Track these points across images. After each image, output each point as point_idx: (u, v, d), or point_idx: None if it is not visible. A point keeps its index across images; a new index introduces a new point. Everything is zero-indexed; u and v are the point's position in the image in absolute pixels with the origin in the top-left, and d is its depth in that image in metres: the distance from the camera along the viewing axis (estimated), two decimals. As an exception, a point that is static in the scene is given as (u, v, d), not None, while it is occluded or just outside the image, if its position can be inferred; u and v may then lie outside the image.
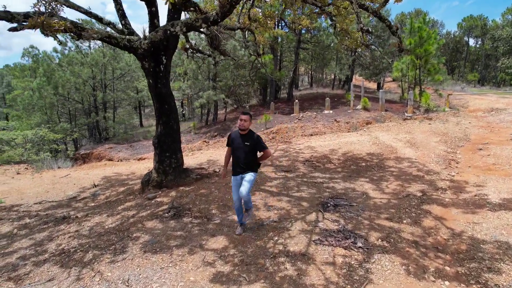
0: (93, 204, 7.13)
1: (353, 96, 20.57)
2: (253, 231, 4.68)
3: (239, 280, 3.51)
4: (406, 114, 17.86)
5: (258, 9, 8.90)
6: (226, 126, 20.80)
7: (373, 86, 37.37)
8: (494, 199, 5.64)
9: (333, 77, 38.64)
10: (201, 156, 11.67)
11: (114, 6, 6.69)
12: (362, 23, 4.66)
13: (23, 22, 5.34)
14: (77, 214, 6.31)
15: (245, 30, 6.47)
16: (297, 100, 21.73)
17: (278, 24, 21.79)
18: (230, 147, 4.58)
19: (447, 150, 9.57)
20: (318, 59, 29.04)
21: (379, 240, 4.35)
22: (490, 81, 46.32)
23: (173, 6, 5.21)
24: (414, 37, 19.89)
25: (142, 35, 6.40)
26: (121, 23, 6.82)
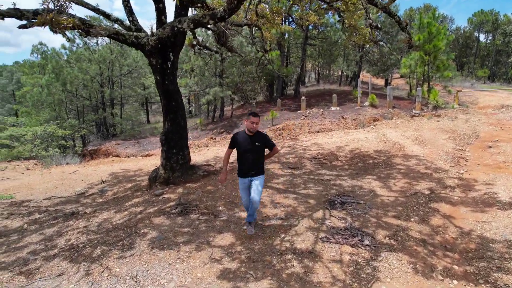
0: (101, 200, 7.21)
1: (360, 92, 20.40)
2: (260, 228, 4.69)
3: (246, 277, 3.53)
4: (414, 111, 17.67)
5: (265, 5, 8.85)
6: (232, 122, 20.80)
7: (380, 82, 36.99)
8: (504, 198, 5.56)
9: (340, 73, 38.33)
10: (208, 152, 11.70)
11: (122, 3, 6.71)
12: (371, 19, 4.60)
13: (32, 19, 5.39)
14: (85, 210, 6.39)
15: (252, 27, 6.44)
16: (303, 96, 21.62)
17: (285, 20, 21.68)
18: (231, 149, 4.41)
19: (456, 148, 9.46)
20: (325, 55, 28.83)
21: (387, 238, 4.32)
22: (501, 77, 45.54)
23: (180, 3, 5.20)
24: (423, 32, 19.61)
25: (150, 32, 6.41)
26: (128, 20, 6.84)
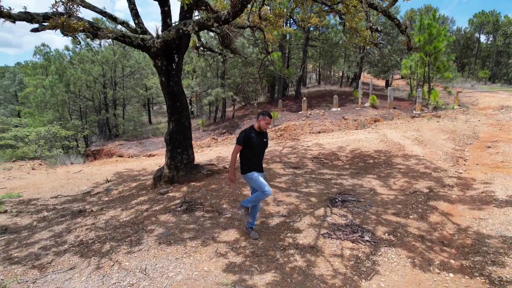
0: (107, 198, 7.37)
1: (361, 93, 20.55)
2: (263, 225, 4.84)
3: (251, 270, 3.67)
4: (415, 112, 17.81)
5: (267, 6, 8.99)
6: (234, 123, 20.96)
7: (381, 83, 37.13)
8: (501, 196, 5.70)
9: (341, 74, 38.46)
10: (210, 152, 11.85)
11: (128, 6, 6.88)
12: (371, 22, 4.75)
13: (42, 22, 5.55)
14: (92, 208, 6.54)
15: (255, 29, 6.60)
16: (305, 97, 21.78)
17: (287, 21, 21.86)
18: (241, 146, 4.22)
19: (455, 148, 9.60)
20: (326, 57, 29.01)
21: (386, 234, 4.47)
22: (502, 78, 45.63)
23: (186, 6, 5.36)
24: (424, 34, 19.77)
25: (155, 34, 6.57)
26: (134, 22, 7.01)
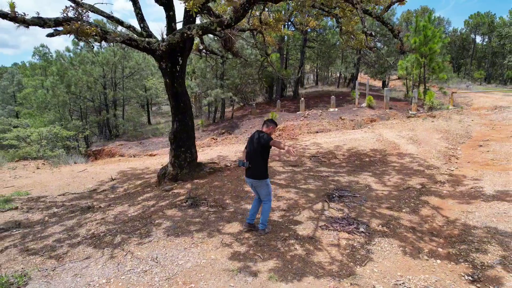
0: (113, 196, 7.64)
1: (358, 94, 20.91)
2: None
3: (255, 258, 3.98)
4: (410, 112, 18.17)
5: (267, 9, 9.29)
6: (233, 123, 21.26)
7: (378, 84, 37.58)
8: (488, 191, 6.04)
9: (338, 75, 38.88)
10: (210, 152, 12.15)
11: (133, 11, 7.17)
12: (365, 27, 5.07)
13: (54, 27, 5.84)
14: (100, 204, 6.82)
15: (256, 33, 6.91)
16: (302, 98, 22.11)
17: (286, 24, 22.19)
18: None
19: (448, 147, 9.94)
20: (323, 57, 29.39)
21: (380, 226, 4.79)
22: (497, 78, 46.19)
23: (194, 13, 5.66)
24: (419, 35, 20.16)
25: (160, 37, 6.86)
26: (139, 26, 7.30)
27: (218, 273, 3.68)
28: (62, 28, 5.69)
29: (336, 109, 20.07)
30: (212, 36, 17.30)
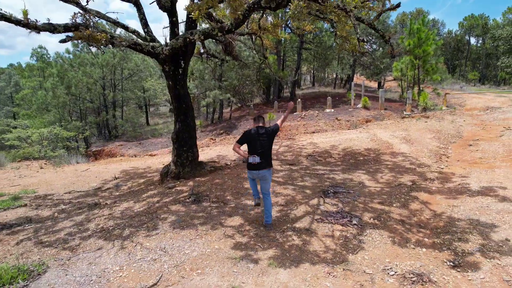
0: (117, 193, 7.95)
1: (353, 95, 21.32)
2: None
3: (256, 247, 4.31)
4: (405, 113, 18.60)
5: (264, 15, 9.63)
6: (231, 124, 21.58)
7: (374, 85, 38.07)
8: (474, 187, 6.41)
9: (334, 76, 39.33)
10: (210, 152, 12.47)
11: (138, 16, 7.49)
12: (358, 34, 5.43)
13: (63, 32, 6.16)
14: (106, 201, 7.13)
15: (256, 37, 7.25)
16: (299, 99, 22.50)
17: (282, 27, 22.56)
18: None
19: (440, 146, 10.34)
20: (320, 59, 29.78)
21: (371, 219, 5.14)
22: (491, 79, 46.88)
23: (200, 20, 6.00)
24: (413, 38, 20.61)
25: (164, 42, 7.19)
26: (143, 31, 7.62)
27: (222, 260, 4.01)
28: (71, 33, 6.02)
29: (332, 110, 20.46)
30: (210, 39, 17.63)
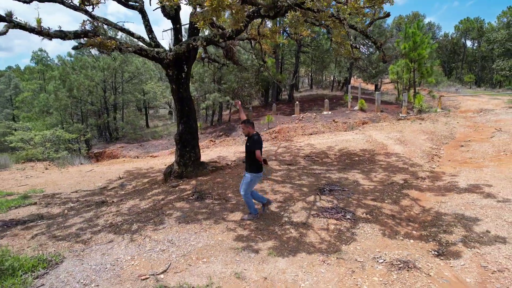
0: (123, 192, 8.28)
1: (350, 97, 21.72)
2: (264, 209, 5.83)
3: (256, 239, 4.66)
4: (401, 115, 19.00)
5: (263, 21, 10.00)
6: (231, 126, 21.94)
7: (371, 87, 38.52)
8: (462, 185, 6.78)
9: (332, 79, 39.78)
10: (210, 153, 12.81)
11: (142, 23, 7.85)
12: (351, 41, 5.79)
13: (73, 39, 6.52)
14: (112, 199, 7.46)
15: (255, 43, 7.63)
16: (297, 101, 22.88)
17: (280, 32, 22.99)
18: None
19: (432, 147, 10.72)
20: (317, 62, 30.23)
21: (364, 214, 5.50)
22: (487, 82, 47.44)
23: (203, 28, 6.38)
24: (409, 42, 21.07)
25: (168, 48, 7.55)
26: (148, 37, 7.98)
27: (226, 250, 4.35)
28: (80, 39, 6.39)
29: (329, 112, 20.85)
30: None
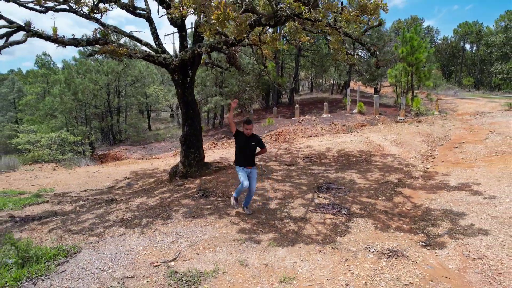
0: (130, 191, 8.67)
1: (349, 100, 22.13)
2: (265, 205, 6.21)
3: (258, 232, 5.04)
4: (399, 118, 19.40)
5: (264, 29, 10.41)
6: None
7: (370, 91, 38.97)
8: (452, 184, 7.16)
9: (332, 82, 40.25)
10: (213, 154, 13.21)
11: (149, 30, 8.28)
12: (347, 48, 6.19)
13: (86, 46, 6.94)
14: (121, 198, 7.85)
15: (257, 49, 8.04)
16: (297, 104, 23.30)
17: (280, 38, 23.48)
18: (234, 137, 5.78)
19: (427, 148, 11.10)
20: (317, 66, 30.68)
21: (359, 209, 5.88)
22: (487, 85, 47.89)
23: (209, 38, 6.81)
24: (406, 46, 21.51)
25: (174, 53, 7.96)
26: (155, 44, 8.40)
27: (230, 241, 4.73)
28: (92, 46, 6.80)
29: (329, 115, 21.25)
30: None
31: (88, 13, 7.58)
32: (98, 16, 7.81)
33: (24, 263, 4.10)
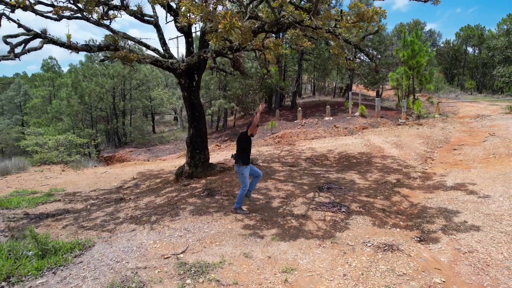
0: (138, 191, 8.98)
1: (351, 104, 22.41)
2: (268, 203, 6.50)
3: (261, 227, 5.32)
4: (400, 120, 19.63)
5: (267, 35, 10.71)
6: (235, 131, 22.67)
7: (372, 94, 39.22)
8: (449, 184, 7.41)
9: (334, 85, 40.53)
10: (217, 156, 13.51)
11: (157, 36, 8.62)
12: (346, 54, 6.49)
13: (97, 51, 7.28)
14: (129, 197, 8.16)
15: (260, 54, 8.36)
16: (300, 107, 23.60)
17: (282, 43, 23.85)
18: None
19: (427, 150, 11.34)
20: (319, 69, 31.00)
21: (358, 207, 6.15)
22: (489, 88, 47.95)
23: (205, 40, 7.13)
24: (407, 50, 21.79)
25: (180, 58, 8.30)
26: (162, 49, 8.74)
27: (235, 236, 5.02)
28: (104, 52, 7.14)
29: (331, 117, 21.53)
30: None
31: (97, 19, 7.94)
32: (107, 22, 8.18)
33: (43, 255, 4.40)
